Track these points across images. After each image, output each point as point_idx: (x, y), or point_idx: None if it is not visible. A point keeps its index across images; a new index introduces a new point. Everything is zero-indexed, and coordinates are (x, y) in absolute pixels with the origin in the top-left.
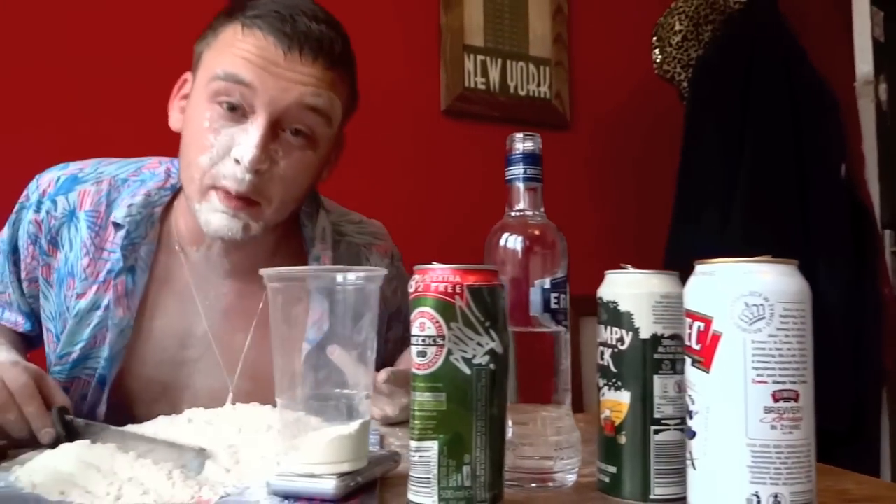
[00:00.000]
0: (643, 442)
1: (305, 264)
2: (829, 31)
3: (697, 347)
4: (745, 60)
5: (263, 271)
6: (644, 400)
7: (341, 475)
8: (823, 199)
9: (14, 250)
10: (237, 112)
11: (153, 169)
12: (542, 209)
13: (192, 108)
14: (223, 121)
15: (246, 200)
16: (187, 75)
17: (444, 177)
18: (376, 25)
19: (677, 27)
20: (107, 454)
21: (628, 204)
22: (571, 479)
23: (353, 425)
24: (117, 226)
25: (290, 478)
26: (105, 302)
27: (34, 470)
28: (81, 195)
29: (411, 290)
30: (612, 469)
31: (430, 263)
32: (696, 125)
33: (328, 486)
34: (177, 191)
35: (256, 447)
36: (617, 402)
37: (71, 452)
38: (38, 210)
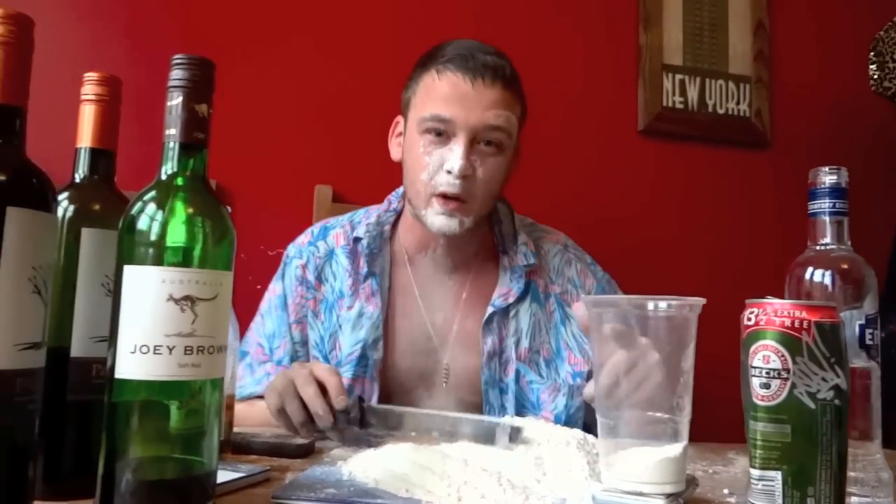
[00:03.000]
0: None
1: (497, 260)
2: None
3: None
4: None
5: (584, 298)
6: None
7: (667, 495)
8: None
9: (285, 300)
10: (442, 137)
11: (375, 208)
12: (849, 242)
13: (409, 140)
14: (433, 145)
15: (458, 200)
16: (399, 118)
17: (641, 197)
18: (576, 46)
19: None
20: (437, 458)
21: None
22: None
23: (678, 447)
24: (358, 240)
25: (616, 493)
26: (365, 307)
27: (367, 467)
28: (335, 237)
29: (750, 322)
30: None
31: (764, 297)
32: None
33: None
34: (398, 213)
35: (560, 460)
36: None
37: (399, 453)
38: (300, 256)
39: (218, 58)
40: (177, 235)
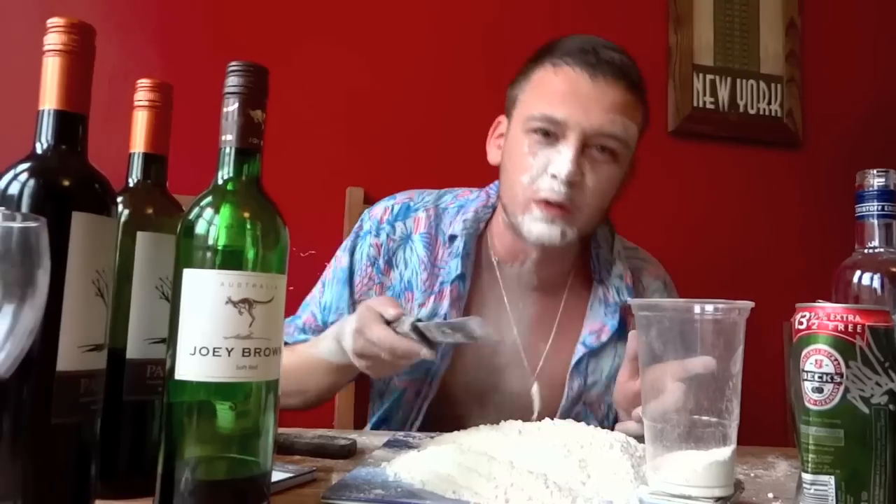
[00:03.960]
0: None
1: (590, 279)
2: None
3: None
4: None
5: (631, 301)
6: None
7: (716, 499)
8: None
9: (351, 275)
10: (550, 137)
11: (467, 196)
12: None
13: (511, 140)
14: (539, 145)
15: (562, 208)
16: (501, 118)
17: (672, 198)
18: None
19: None
20: (482, 459)
21: None
22: None
23: (727, 451)
24: (453, 238)
25: (664, 497)
26: (442, 310)
27: (412, 468)
28: (416, 221)
29: (801, 326)
30: None
31: (815, 301)
32: None
33: None
34: (493, 210)
35: (604, 463)
36: None
37: (443, 455)
38: (377, 235)
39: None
40: (233, 239)
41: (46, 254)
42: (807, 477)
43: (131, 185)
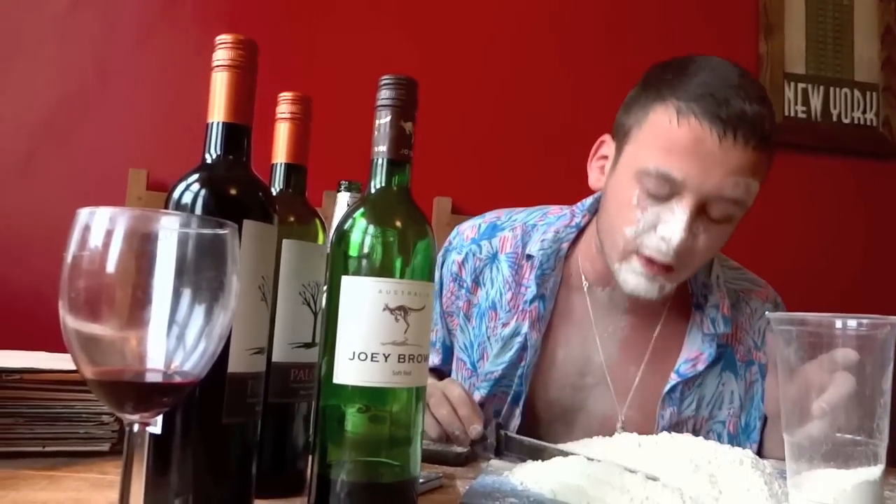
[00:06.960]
0: None
1: (689, 303)
2: None
3: None
4: None
5: (771, 315)
6: None
7: None
8: None
9: (440, 289)
10: (664, 192)
11: (557, 213)
12: None
13: (619, 181)
14: (650, 200)
15: (666, 269)
16: (605, 137)
17: (762, 209)
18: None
19: None
20: (615, 472)
21: None
22: None
23: (876, 471)
24: (530, 257)
25: None
26: (524, 329)
27: (538, 478)
28: (502, 240)
29: None
30: None
31: None
32: None
33: None
34: (581, 230)
35: (736, 479)
36: None
37: (572, 466)
38: (460, 252)
39: (340, 66)
40: (387, 248)
41: (237, 259)
42: None
43: (273, 193)
